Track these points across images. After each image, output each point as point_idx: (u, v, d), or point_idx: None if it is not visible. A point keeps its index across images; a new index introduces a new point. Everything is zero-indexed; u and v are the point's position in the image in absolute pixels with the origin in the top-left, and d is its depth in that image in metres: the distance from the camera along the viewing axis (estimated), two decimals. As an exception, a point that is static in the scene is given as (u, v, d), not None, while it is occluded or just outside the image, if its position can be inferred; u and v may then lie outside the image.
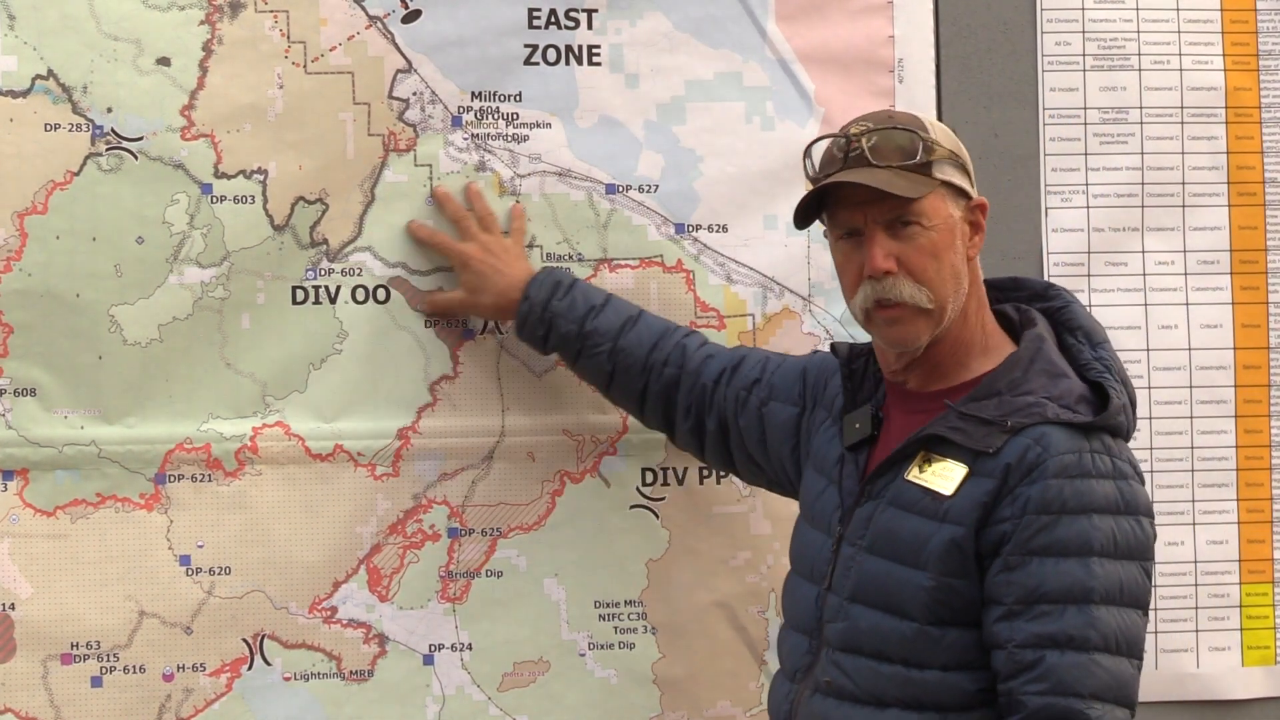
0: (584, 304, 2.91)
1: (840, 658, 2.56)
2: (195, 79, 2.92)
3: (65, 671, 2.88)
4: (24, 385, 2.88)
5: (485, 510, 3.03)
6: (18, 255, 2.87)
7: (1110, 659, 2.41)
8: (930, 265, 2.55)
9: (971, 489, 2.48)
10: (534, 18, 3.07)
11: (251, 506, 2.95)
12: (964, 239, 2.58)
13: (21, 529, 2.88)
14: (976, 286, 2.62)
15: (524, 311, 2.92)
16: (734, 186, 3.13)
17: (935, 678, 2.49)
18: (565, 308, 2.91)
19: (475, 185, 3.02)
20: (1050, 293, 2.67)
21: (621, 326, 2.92)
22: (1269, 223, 3.36)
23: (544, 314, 2.91)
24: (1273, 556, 3.35)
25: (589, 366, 2.93)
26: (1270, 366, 3.36)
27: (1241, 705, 3.33)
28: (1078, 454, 2.46)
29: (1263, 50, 3.35)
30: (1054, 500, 2.43)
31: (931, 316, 2.56)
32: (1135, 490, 2.49)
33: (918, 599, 2.49)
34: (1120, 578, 2.44)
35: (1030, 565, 2.43)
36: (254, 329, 2.95)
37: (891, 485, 2.55)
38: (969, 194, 2.60)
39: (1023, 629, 2.42)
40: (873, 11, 3.19)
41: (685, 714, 3.10)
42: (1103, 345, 2.60)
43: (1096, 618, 2.41)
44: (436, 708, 3.01)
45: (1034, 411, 2.49)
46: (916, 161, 2.55)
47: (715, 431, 2.89)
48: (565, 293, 2.92)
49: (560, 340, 2.92)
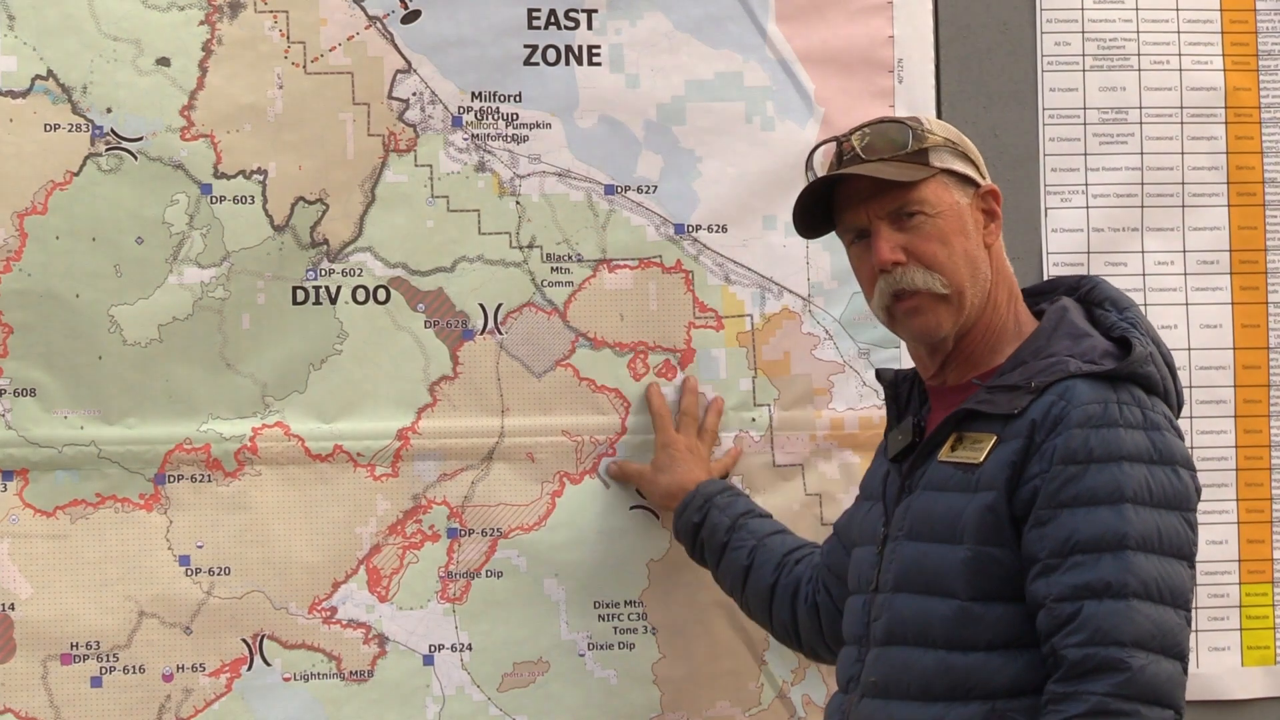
0: (744, 506, 2.98)
1: (884, 653, 2.53)
2: (195, 79, 2.92)
3: (65, 672, 2.88)
4: (24, 385, 2.88)
5: (485, 511, 3.03)
6: (18, 255, 2.87)
7: (1152, 607, 2.35)
8: (940, 251, 2.55)
9: (1000, 452, 2.46)
10: (534, 18, 3.07)
11: (251, 507, 2.95)
12: (977, 226, 2.58)
13: (21, 529, 2.88)
14: (1003, 275, 2.60)
15: (688, 499, 2.99)
16: (733, 187, 3.13)
17: (979, 661, 2.44)
18: (726, 503, 2.97)
19: (694, 384, 3.09)
20: (1082, 283, 2.66)
21: (772, 531, 2.95)
22: (1269, 223, 3.36)
23: (705, 504, 2.97)
24: (1273, 556, 3.35)
25: (730, 559, 2.94)
26: (1270, 366, 3.36)
27: (1241, 705, 3.33)
28: (1103, 404, 2.42)
29: (1262, 50, 3.35)
30: (1080, 449, 2.40)
31: (950, 303, 2.55)
32: (1170, 441, 2.45)
33: (956, 573, 2.45)
34: (1158, 524, 2.39)
35: (1061, 517, 2.39)
36: (254, 329, 2.95)
37: (926, 474, 2.55)
38: (976, 181, 2.59)
39: (1059, 582, 2.37)
40: (873, 11, 3.19)
41: (685, 714, 3.10)
42: (1129, 309, 2.58)
43: (1133, 563, 2.35)
44: (436, 708, 3.01)
45: (1056, 369, 2.47)
46: (909, 150, 2.55)
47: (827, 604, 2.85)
48: (732, 495, 2.99)
49: (711, 529, 2.96)
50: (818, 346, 3.16)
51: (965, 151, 2.59)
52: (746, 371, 3.13)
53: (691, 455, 3.04)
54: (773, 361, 3.14)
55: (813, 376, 3.16)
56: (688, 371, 3.10)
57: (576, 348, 3.08)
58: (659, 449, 3.06)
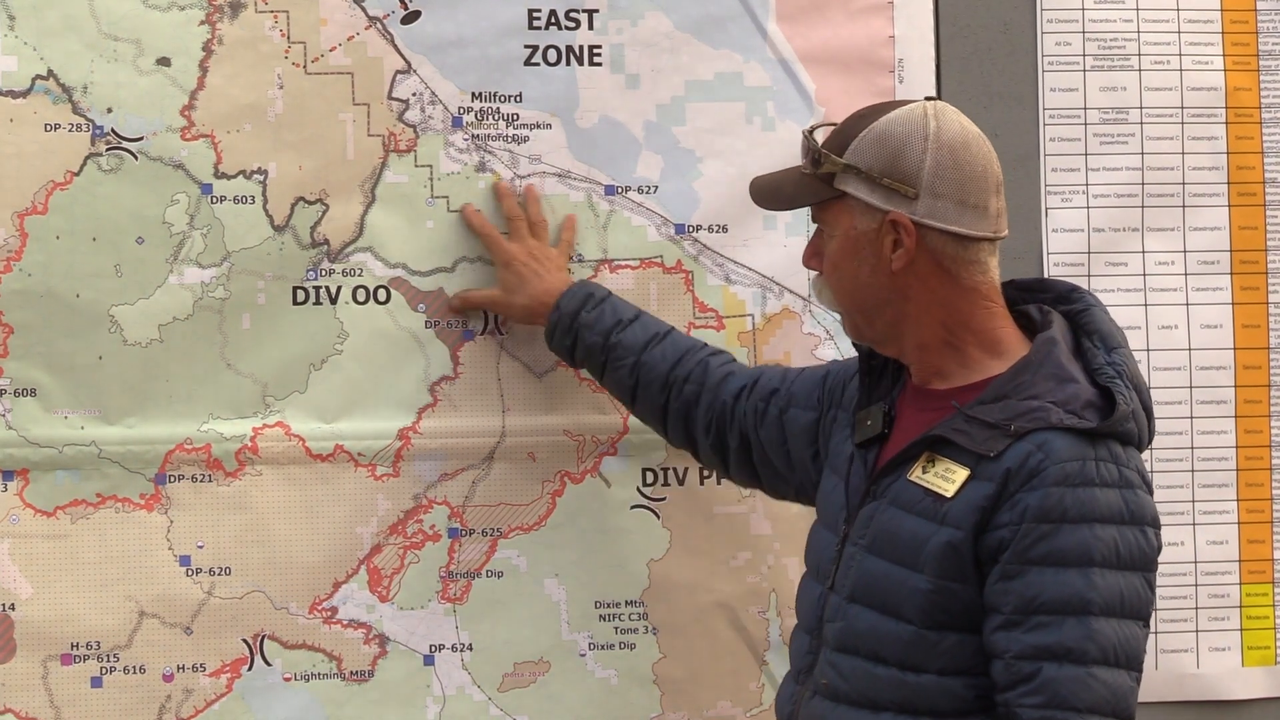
0: (611, 318, 2.92)
1: (837, 658, 2.54)
2: (195, 79, 2.92)
3: (65, 672, 2.88)
4: (24, 385, 2.88)
5: (485, 510, 3.03)
6: (18, 255, 2.87)
7: (1108, 672, 2.37)
8: (831, 273, 2.58)
9: (971, 492, 2.45)
10: (534, 18, 3.07)
11: (252, 507, 2.95)
12: (877, 253, 2.53)
13: (21, 529, 2.88)
14: (938, 299, 2.54)
15: (553, 320, 2.94)
16: (734, 187, 3.13)
17: (931, 682, 2.46)
18: (593, 319, 2.92)
19: (535, 189, 3.03)
20: (1074, 295, 2.63)
21: (647, 342, 2.92)
22: (1269, 223, 3.36)
23: (572, 324, 2.92)
24: (1273, 556, 3.35)
25: (613, 380, 2.94)
26: (1270, 366, 3.36)
27: (1241, 705, 3.33)
28: (1081, 462, 2.41)
29: (1263, 50, 3.35)
30: (1054, 509, 2.39)
31: (851, 319, 2.60)
32: (1141, 500, 2.45)
33: (915, 602, 2.46)
34: (1121, 589, 2.40)
35: (1029, 575, 2.39)
36: (254, 329, 2.95)
37: (894, 485, 2.54)
38: (882, 209, 2.52)
39: (1020, 640, 2.38)
40: (873, 11, 3.19)
41: (685, 714, 3.10)
42: (1118, 350, 2.55)
43: (1095, 630, 2.37)
44: (437, 708, 3.01)
45: (1038, 416, 2.44)
46: (818, 170, 2.56)
47: (738, 448, 2.88)
48: (595, 305, 2.93)
49: (586, 352, 2.93)
50: (818, 347, 3.16)
51: (884, 174, 2.52)
52: (747, 372, 3.13)
53: (536, 263, 2.98)
54: (773, 361, 3.14)
55: (813, 377, 3.16)
56: None
57: (577, 348, 3.08)
58: (499, 268, 2.99)
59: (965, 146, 2.52)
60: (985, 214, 2.53)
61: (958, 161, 2.51)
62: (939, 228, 2.51)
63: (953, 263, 2.53)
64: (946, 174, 2.50)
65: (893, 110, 2.55)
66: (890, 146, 2.52)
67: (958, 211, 2.51)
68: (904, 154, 2.51)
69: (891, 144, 2.52)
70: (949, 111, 2.56)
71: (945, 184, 2.51)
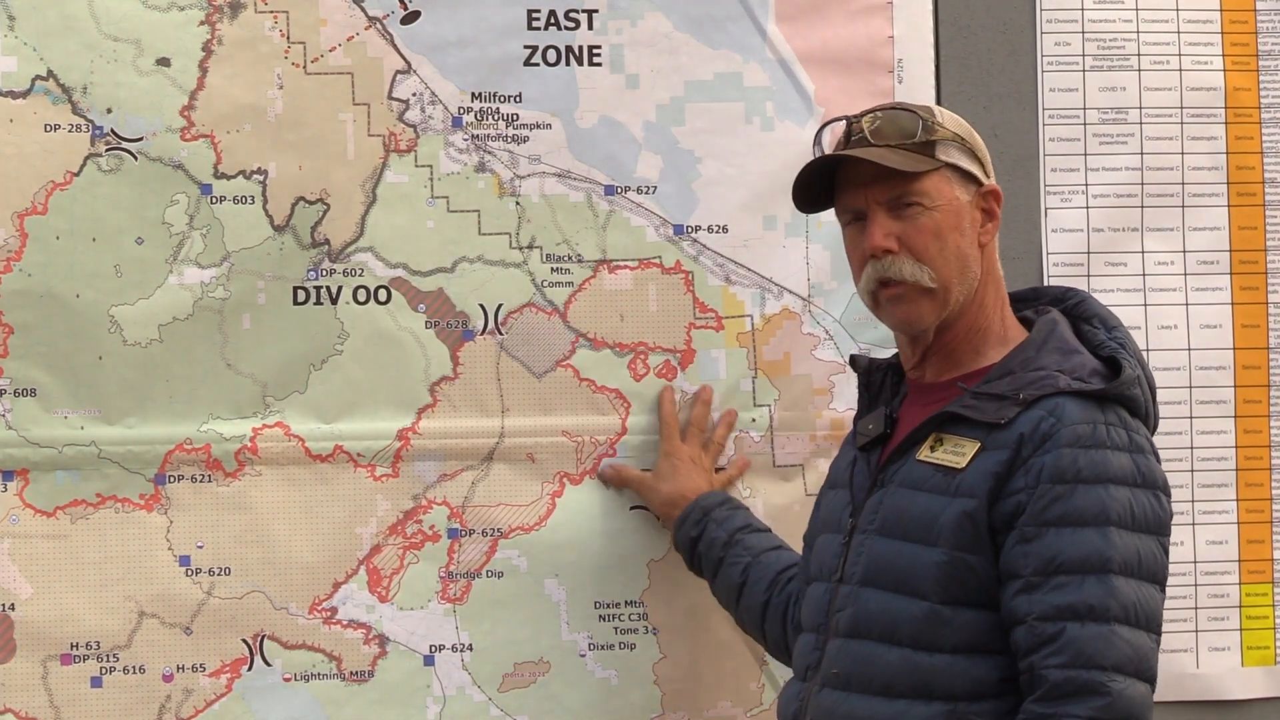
0: (742, 520, 2.96)
1: (848, 645, 2.53)
2: (195, 79, 2.93)
3: (65, 672, 2.88)
4: (24, 385, 2.88)
5: (485, 511, 3.03)
6: (18, 255, 2.87)
7: (1130, 631, 2.38)
8: (932, 244, 2.56)
9: (983, 461, 2.46)
10: (534, 18, 3.07)
11: (251, 507, 2.95)
12: (973, 224, 2.58)
13: (21, 529, 2.88)
14: (993, 276, 2.61)
15: (687, 510, 2.98)
16: (733, 187, 3.13)
17: (944, 662, 2.45)
18: (723, 517, 2.96)
19: (708, 395, 3.08)
20: (1068, 295, 2.67)
21: (767, 548, 2.93)
22: (1269, 223, 3.36)
23: (703, 517, 2.96)
24: (1273, 556, 3.35)
25: (726, 575, 2.93)
26: (1270, 366, 3.36)
27: (1241, 705, 3.33)
28: (1092, 425, 2.44)
29: (1262, 50, 3.35)
30: (1069, 469, 2.41)
31: (935, 297, 2.56)
32: (1152, 465, 2.47)
33: (930, 575, 2.46)
34: (1138, 549, 2.41)
35: (1047, 536, 2.40)
36: (254, 329, 2.95)
37: (902, 469, 2.55)
38: (979, 179, 2.59)
39: (1041, 601, 2.39)
40: (873, 11, 3.19)
41: (685, 714, 3.10)
42: (1117, 329, 2.59)
43: (1115, 588, 2.38)
44: (437, 708, 3.01)
45: (1046, 383, 2.47)
46: (917, 141, 2.56)
47: None
48: (730, 508, 2.98)
49: (708, 544, 2.95)
50: (818, 347, 3.16)
51: (973, 148, 2.60)
52: (747, 372, 3.13)
53: (694, 465, 3.04)
54: (773, 362, 3.14)
55: (813, 377, 3.16)
56: (688, 373, 3.10)
57: (577, 348, 3.08)
58: (662, 456, 3.05)
59: None
60: None
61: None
62: None
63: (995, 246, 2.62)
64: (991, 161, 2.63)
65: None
66: (964, 125, 2.61)
67: None
68: (973, 134, 2.61)
69: (963, 123, 2.61)
70: None
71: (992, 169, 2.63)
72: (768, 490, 3.12)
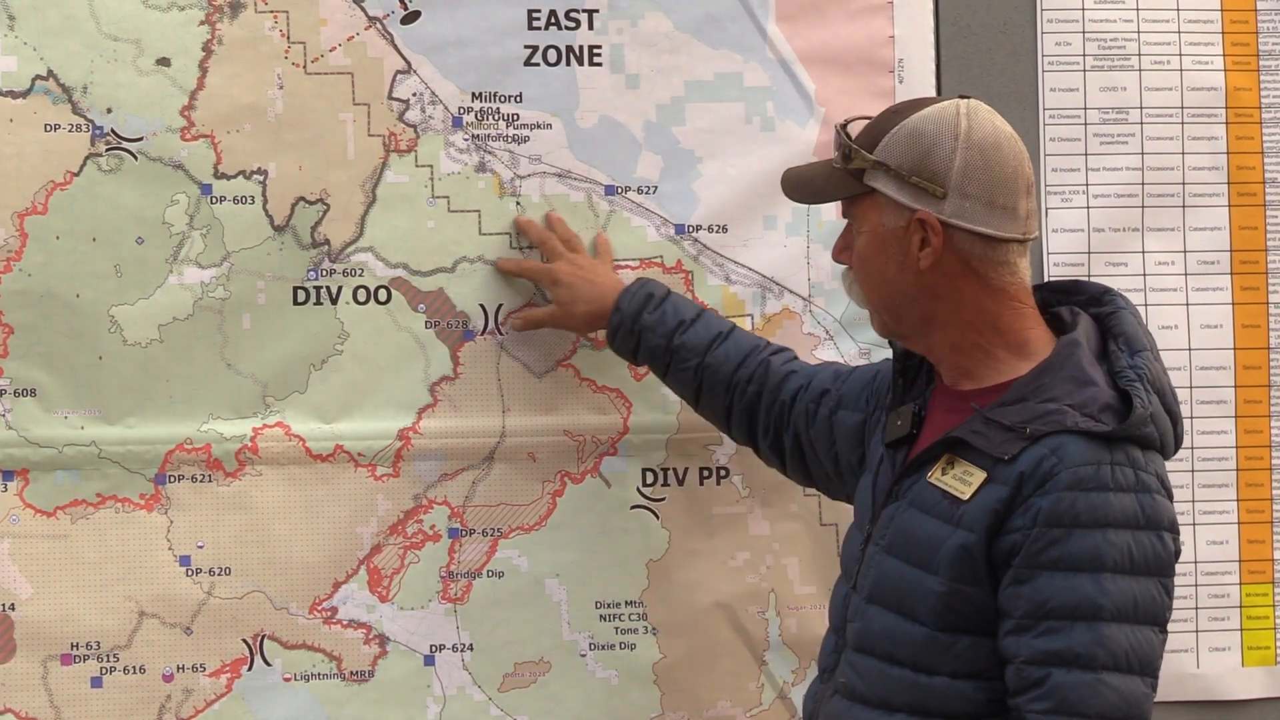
0: (674, 318, 2.92)
1: (855, 658, 2.55)
2: (195, 79, 2.92)
3: (65, 672, 2.88)
4: (24, 385, 2.88)
5: (486, 511, 3.03)
6: (18, 255, 2.87)
7: (1120, 678, 2.36)
8: (860, 268, 2.58)
9: (986, 496, 2.44)
10: (534, 18, 3.07)
11: (252, 507, 2.95)
12: (903, 252, 2.52)
13: (21, 529, 2.88)
14: (964, 299, 2.53)
15: (615, 323, 2.93)
16: (733, 187, 3.13)
17: (943, 684, 2.46)
18: (655, 321, 2.91)
19: (555, 213, 3.04)
20: (1105, 298, 2.60)
21: (710, 343, 2.91)
22: (1269, 223, 3.36)
23: (634, 326, 2.92)
24: (1273, 557, 3.35)
25: (677, 381, 2.94)
26: (1270, 366, 3.36)
27: (1241, 705, 3.33)
28: (1095, 466, 2.39)
29: (1263, 50, 3.35)
30: (1066, 513, 2.38)
31: (878, 316, 2.59)
32: (1158, 505, 2.43)
33: (929, 604, 2.46)
34: (1135, 594, 2.38)
35: (1039, 579, 2.38)
36: (254, 329, 2.95)
37: (915, 487, 2.53)
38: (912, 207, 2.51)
39: (1029, 645, 2.38)
40: (873, 11, 3.19)
41: (685, 714, 3.10)
42: (1142, 354, 2.51)
43: (1106, 636, 2.35)
44: (437, 708, 3.01)
45: (1053, 419, 2.42)
46: (848, 165, 2.55)
47: (793, 448, 2.88)
48: (657, 306, 2.93)
49: (649, 353, 2.93)
50: (818, 347, 3.16)
51: (913, 172, 2.51)
52: (747, 372, 3.13)
53: (584, 271, 2.98)
54: (773, 362, 3.14)
55: (813, 377, 3.16)
56: None
57: (578, 348, 3.08)
58: (551, 289, 2.99)
59: (996, 147, 2.50)
60: (1014, 215, 2.51)
61: (988, 162, 2.49)
62: (967, 228, 2.50)
63: (981, 263, 2.51)
64: (976, 174, 2.49)
65: (926, 107, 2.54)
66: (921, 144, 2.50)
67: (986, 212, 2.50)
68: (934, 152, 2.50)
69: (922, 142, 2.50)
70: (981, 110, 2.54)
71: (974, 184, 2.49)
72: (767, 489, 3.12)
